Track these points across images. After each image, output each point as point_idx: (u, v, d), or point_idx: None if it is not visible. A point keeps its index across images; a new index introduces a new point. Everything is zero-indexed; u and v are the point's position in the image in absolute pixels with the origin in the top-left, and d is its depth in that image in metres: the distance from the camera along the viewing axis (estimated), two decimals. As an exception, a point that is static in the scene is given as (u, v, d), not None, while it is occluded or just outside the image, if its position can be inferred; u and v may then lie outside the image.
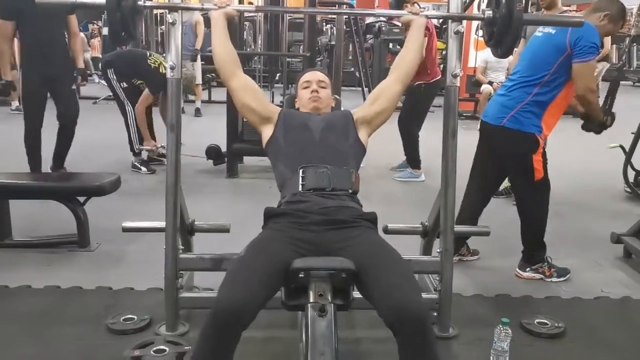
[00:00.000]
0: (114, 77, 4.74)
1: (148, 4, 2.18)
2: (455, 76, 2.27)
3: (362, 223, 1.96)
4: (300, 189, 2.03)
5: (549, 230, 3.02)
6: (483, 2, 8.61)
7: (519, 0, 2.13)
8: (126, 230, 2.60)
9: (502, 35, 2.16)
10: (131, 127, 4.81)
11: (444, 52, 10.47)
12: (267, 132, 2.24)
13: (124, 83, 4.76)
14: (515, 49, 6.66)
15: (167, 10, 2.20)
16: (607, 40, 9.01)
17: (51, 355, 2.16)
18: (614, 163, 4.66)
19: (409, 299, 1.63)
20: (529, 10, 8.48)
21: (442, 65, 9.55)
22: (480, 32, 9.51)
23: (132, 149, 4.88)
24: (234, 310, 1.60)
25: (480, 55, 8.17)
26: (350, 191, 2.07)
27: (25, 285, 2.70)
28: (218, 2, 2.24)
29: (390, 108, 2.31)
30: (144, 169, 4.82)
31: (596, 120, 3.07)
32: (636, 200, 4.48)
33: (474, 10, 8.73)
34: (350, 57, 9.73)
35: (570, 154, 5.84)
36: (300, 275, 1.74)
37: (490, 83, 7.70)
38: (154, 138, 5.03)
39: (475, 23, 8.84)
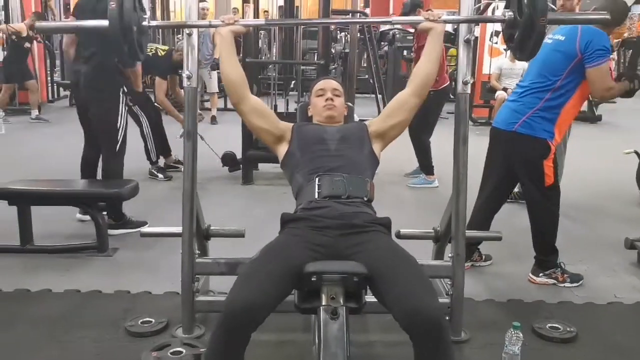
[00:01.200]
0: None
1: (153, 24, 2.21)
2: (465, 83, 2.30)
3: (377, 228, 2.00)
4: (316, 196, 2.07)
5: (563, 235, 3.03)
6: (497, 8, 8.63)
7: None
8: (144, 235, 2.68)
9: (524, 37, 2.09)
10: (147, 136, 4.87)
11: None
12: (282, 149, 2.27)
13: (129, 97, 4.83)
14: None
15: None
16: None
17: (71, 357, 2.22)
18: (629, 169, 4.65)
19: (424, 303, 1.66)
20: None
21: (454, 72, 9.60)
22: (495, 39, 9.48)
23: (148, 158, 4.95)
24: (245, 312, 1.64)
25: (495, 62, 8.18)
26: (365, 199, 2.10)
27: (46, 289, 2.77)
28: (225, 19, 2.22)
29: (405, 122, 2.33)
30: (160, 175, 4.90)
31: (623, 92, 3.02)
32: (652, 206, 4.47)
33: (489, 15, 8.76)
34: (364, 65, 9.79)
35: (586, 160, 5.83)
36: (312, 279, 1.78)
37: (505, 89, 7.70)
38: (168, 148, 5.13)
39: (489, 30, 8.88)
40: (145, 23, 2.14)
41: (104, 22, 2.00)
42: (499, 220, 3.13)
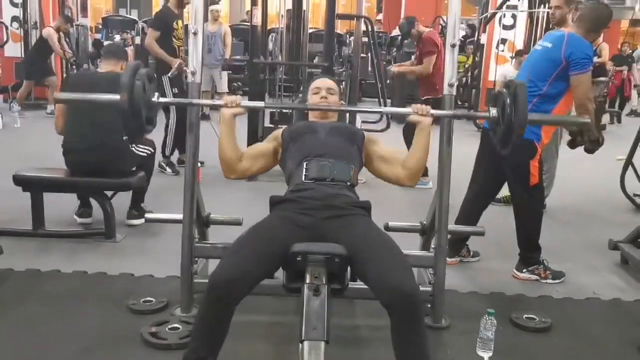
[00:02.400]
0: (168, 82, 4.97)
1: (162, 100, 2.36)
2: (451, 85, 2.46)
3: (357, 211, 2.15)
4: (303, 179, 2.24)
5: (551, 236, 3.17)
6: (504, 17, 8.77)
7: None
8: (149, 221, 2.86)
9: (505, 136, 2.25)
10: (170, 131, 5.05)
11: (466, 66, 10.67)
12: (279, 155, 2.45)
13: (176, 89, 5.00)
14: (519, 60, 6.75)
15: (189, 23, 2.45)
16: (605, 50, 9.06)
17: (78, 330, 2.39)
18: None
19: (401, 281, 1.82)
20: (550, 27, 8.62)
21: (462, 78, 9.72)
22: (502, 47, 9.57)
23: (163, 151, 5.10)
24: (227, 285, 1.81)
25: (500, 69, 8.30)
26: (348, 183, 2.27)
27: (55, 270, 2.95)
28: (228, 102, 2.32)
29: (385, 178, 2.45)
30: (169, 169, 5.07)
31: (591, 136, 3.13)
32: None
33: (495, 24, 8.90)
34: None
35: (580, 167, 5.93)
36: (298, 259, 1.94)
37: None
38: (183, 148, 5.30)
39: (496, 37, 9.01)
40: (154, 99, 2.29)
41: (116, 97, 2.17)
42: (488, 220, 3.26)
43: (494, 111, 2.32)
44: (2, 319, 2.46)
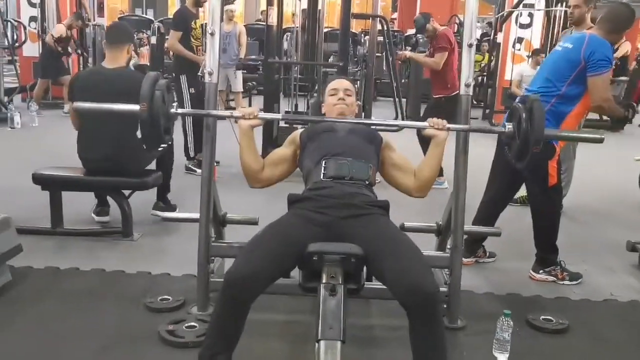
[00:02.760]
0: (186, 82, 4.98)
1: (180, 111, 2.38)
2: (467, 85, 2.45)
3: (375, 210, 2.15)
4: (322, 177, 2.25)
5: (567, 236, 3.15)
6: (520, 15, 8.70)
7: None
8: (166, 220, 2.89)
9: (520, 152, 2.25)
10: (189, 132, 5.05)
11: (482, 65, 10.60)
12: (297, 156, 2.46)
13: (192, 89, 5.00)
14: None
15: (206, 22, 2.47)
16: (626, 46, 8.95)
17: (95, 327, 2.42)
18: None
19: (422, 279, 1.82)
20: (568, 26, 8.54)
21: (478, 77, 9.66)
22: (518, 46, 9.49)
23: (186, 154, 5.11)
24: (242, 283, 1.82)
25: (517, 68, 8.25)
26: (367, 182, 2.27)
27: (74, 268, 2.99)
28: (245, 114, 2.33)
29: (395, 186, 2.45)
30: (198, 170, 4.99)
31: (618, 117, 3.13)
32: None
33: (512, 23, 8.83)
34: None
35: (598, 167, 5.89)
36: (314, 259, 1.95)
37: (525, 96, 7.77)
38: (200, 147, 5.31)
39: (512, 36, 8.95)
40: (172, 110, 2.31)
41: (135, 107, 2.19)
42: (505, 220, 3.26)
43: (509, 126, 2.32)
44: (22, 315, 2.50)
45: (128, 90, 3.35)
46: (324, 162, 2.27)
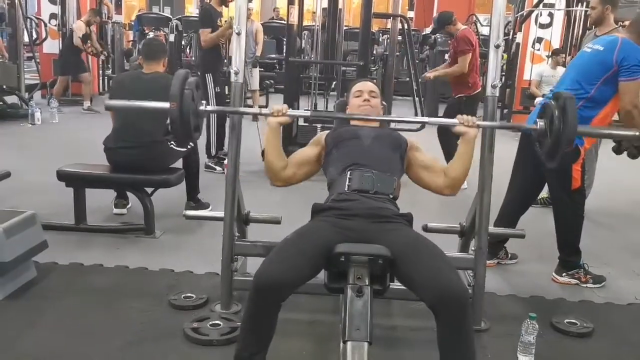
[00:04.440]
0: (211, 81, 5.02)
1: (209, 108, 2.38)
2: (494, 87, 2.44)
3: (399, 220, 2.16)
4: (346, 189, 2.24)
5: (590, 239, 3.12)
6: (540, 15, 8.63)
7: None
8: (188, 218, 2.89)
9: (552, 150, 2.21)
10: (212, 130, 5.10)
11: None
12: (322, 159, 2.46)
13: (218, 88, 5.06)
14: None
15: (233, 21, 2.47)
16: None
17: (120, 323, 2.45)
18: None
19: (452, 281, 1.83)
20: (589, 27, 8.44)
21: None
22: (537, 46, 9.40)
23: (207, 151, 5.14)
24: (273, 283, 1.83)
25: (536, 69, 8.18)
26: (391, 196, 2.26)
27: (98, 264, 3.02)
28: (275, 111, 2.33)
29: (425, 186, 2.44)
30: (218, 168, 5.05)
31: (636, 142, 3.07)
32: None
33: (531, 22, 8.76)
34: (406, 68, 9.90)
35: (622, 170, 5.80)
36: (341, 259, 1.94)
37: (544, 96, 7.70)
38: (223, 144, 5.34)
39: (532, 36, 8.88)
40: (201, 108, 2.32)
41: (165, 105, 2.20)
42: (527, 222, 3.24)
43: (541, 123, 2.28)
44: (48, 311, 2.54)
45: (163, 86, 3.55)
46: (348, 172, 2.27)
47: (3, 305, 2.55)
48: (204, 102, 2.34)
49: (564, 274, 3.11)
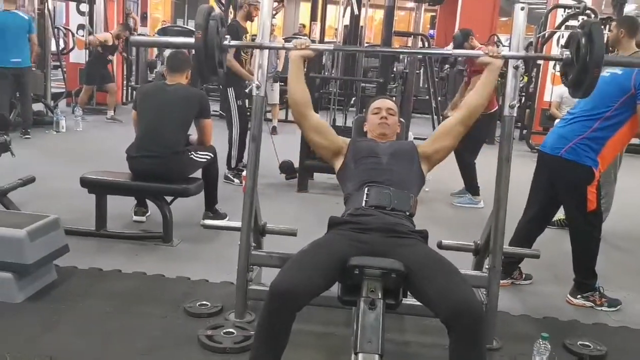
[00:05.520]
0: (234, 95, 5.12)
1: (233, 43, 2.44)
2: (512, 107, 2.46)
3: (415, 236, 2.20)
4: (363, 204, 2.28)
5: (606, 262, 3.11)
6: (562, 37, 8.62)
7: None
8: (206, 227, 2.94)
9: (579, 79, 2.23)
10: (234, 143, 5.18)
11: (521, 86, 10.52)
12: (338, 163, 2.51)
13: (240, 101, 5.15)
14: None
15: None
16: None
17: (136, 328, 2.50)
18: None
19: (467, 297, 1.85)
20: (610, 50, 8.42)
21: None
22: (558, 67, 9.43)
23: (228, 163, 5.21)
24: (288, 292, 1.86)
25: (557, 90, 8.16)
26: (407, 213, 2.30)
27: (116, 270, 3.08)
28: (297, 44, 2.43)
29: (450, 147, 2.53)
30: (236, 180, 5.11)
31: None
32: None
33: (553, 44, 8.76)
34: (425, 86, 9.95)
35: (638, 192, 5.78)
36: (355, 272, 1.98)
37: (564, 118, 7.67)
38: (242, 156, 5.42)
39: (553, 58, 8.87)
40: (225, 42, 2.37)
41: (190, 40, 2.24)
42: (543, 243, 3.23)
43: (567, 52, 2.28)
44: (67, 314, 2.59)
45: (185, 97, 3.61)
46: (366, 188, 2.31)
47: (24, 307, 2.62)
48: (228, 37, 2.37)
49: (578, 296, 3.10)
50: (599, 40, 2.13)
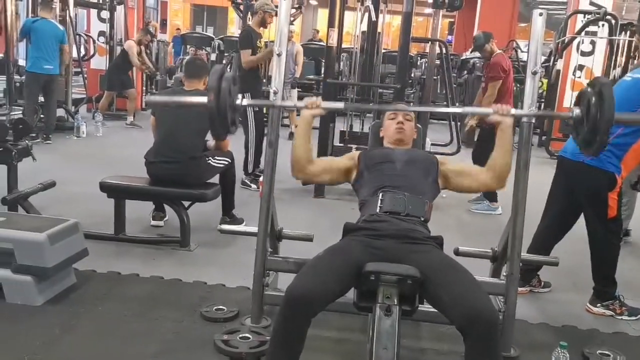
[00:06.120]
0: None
1: (245, 102, 2.45)
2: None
3: (430, 242, 2.19)
4: (378, 211, 2.28)
5: (627, 270, 3.06)
6: (582, 43, 8.55)
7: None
8: (223, 232, 2.97)
9: (589, 139, 2.17)
10: (250, 148, 5.21)
11: (541, 92, 10.44)
12: (352, 175, 2.51)
13: (256, 107, 5.17)
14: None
15: (274, 43, 2.55)
16: None
17: (153, 332, 2.52)
18: None
19: (483, 303, 1.84)
20: (630, 63, 8.27)
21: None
22: (578, 73, 9.26)
23: (245, 168, 5.24)
24: (305, 298, 1.86)
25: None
26: (422, 219, 2.29)
27: (134, 274, 3.11)
28: (309, 104, 2.40)
29: (471, 190, 2.54)
30: (253, 186, 5.14)
31: None
32: None
33: (573, 50, 8.69)
34: (443, 92, 9.92)
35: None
36: (371, 278, 1.97)
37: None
38: (259, 161, 5.44)
39: (573, 64, 8.80)
40: (238, 102, 2.38)
41: (204, 100, 2.26)
42: (562, 250, 3.19)
43: (577, 110, 2.25)
44: (85, 317, 2.62)
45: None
46: (380, 194, 2.31)
47: (43, 309, 2.65)
48: (240, 95, 2.40)
49: (598, 304, 3.05)
50: (609, 99, 2.10)
